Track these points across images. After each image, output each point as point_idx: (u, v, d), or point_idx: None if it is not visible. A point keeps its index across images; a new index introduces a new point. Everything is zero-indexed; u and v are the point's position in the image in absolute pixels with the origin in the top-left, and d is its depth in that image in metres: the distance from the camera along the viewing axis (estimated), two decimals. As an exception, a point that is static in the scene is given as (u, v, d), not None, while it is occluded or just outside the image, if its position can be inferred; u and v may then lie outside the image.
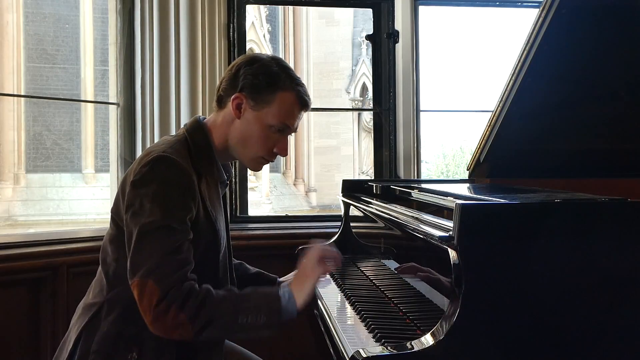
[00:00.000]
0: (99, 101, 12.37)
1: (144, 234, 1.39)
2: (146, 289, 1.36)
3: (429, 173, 19.73)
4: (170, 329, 1.37)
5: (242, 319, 1.40)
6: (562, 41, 1.87)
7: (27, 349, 2.43)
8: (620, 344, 1.18)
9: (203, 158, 1.55)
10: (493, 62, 28.49)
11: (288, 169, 14.64)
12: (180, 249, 1.40)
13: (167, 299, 1.35)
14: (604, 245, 1.17)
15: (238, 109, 1.54)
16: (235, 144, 1.57)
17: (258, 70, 1.53)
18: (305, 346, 2.72)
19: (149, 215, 1.40)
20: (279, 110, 1.53)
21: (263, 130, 1.54)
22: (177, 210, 1.43)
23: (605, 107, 2.06)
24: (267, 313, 1.41)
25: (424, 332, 1.18)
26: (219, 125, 1.58)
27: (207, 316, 1.38)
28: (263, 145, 1.56)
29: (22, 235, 3.17)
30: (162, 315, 1.35)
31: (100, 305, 1.51)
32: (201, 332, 1.38)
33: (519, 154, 2.11)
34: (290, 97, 1.54)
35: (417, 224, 1.39)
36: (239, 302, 1.42)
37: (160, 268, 1.37)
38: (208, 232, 1.53)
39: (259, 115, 1.53)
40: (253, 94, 1.52)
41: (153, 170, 1.44)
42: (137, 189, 1.43)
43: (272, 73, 1.53)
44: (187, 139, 1.55)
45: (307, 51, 14.82)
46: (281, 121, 1.54)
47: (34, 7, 11.19)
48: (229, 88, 1.56)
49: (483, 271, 1.13)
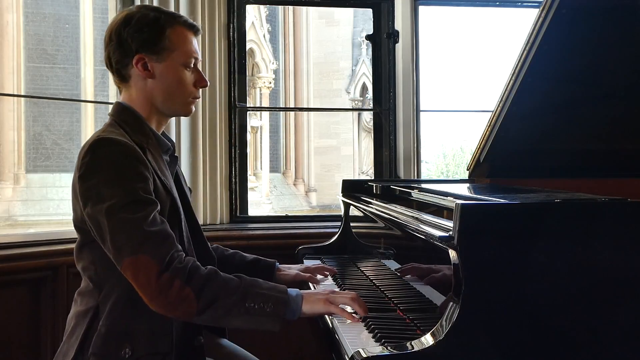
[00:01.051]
0: (99, 101, 12.36)
1: (113, 215, 1.36)
2: (140, 264, 1.33)
3: (429, 173, 19.74)
4: (173, 304, 1.34)
5: (249, 303, 1.37)
6: (562, 41, 1.87)
7: (27, 349, 2.43)
8: (620, 344, 1.17)
9: (138, 132, 1.52)
10: (493, 62, 28.50)
11: (288, 169, 14.65)
12: (155, 220, 1.38)
13: (171, 272, 1.33)
14: (604, 245, 1.17)
15: (146, 69, 1.53)
16: (162, 101, 1.56)
17: (139, 24, 1.52)
18: (305, 346, 2.72)
19: (111, 197, 1.36)
20: (180, 47, 1.54)
21: (179, 74, 1.55)
22: (136, 183, 1.40)
23: (605, 107, 2.06)
24: (275, 302, 1.38)
25: (424, 332, 1.18)
26: (136, 96, 1.56)
27: (213, 294, 1.35)
28: (186, 87, 1.57)
29: (22, 235, 3.17)
30: (166, 288, 1.32)
31: (95, 309, 1.47)
32: (205, 309, 1.35)
33: (519, 154, 2.11)
34: (181, 31, 1.55)
35: (417, 224, 1.39)
36: (248, 286, 1.40)
37: (145, 241, 1.34)
38: (167, 201, 1.49)
39: (168, 63, 1.54)
40: (150, 47, 1.52)
41: (95, 155, 1.41)
42: (87, 180, 1.40)
43: (152, 20, 1.53)
44: (115, 122, 1.53)
45: (307, 51, 14.82)
46: (187, 56, 1.55)
47: (34, 7, 11.18)
48: (122, 58, 1.54)
49: (483, 271, 1.13)
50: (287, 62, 14.60)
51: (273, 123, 14.26)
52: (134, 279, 1.34)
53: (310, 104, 14.71)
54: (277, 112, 14.85)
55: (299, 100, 14.57)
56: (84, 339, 1.46)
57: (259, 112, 13.70)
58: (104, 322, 1.44)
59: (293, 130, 14.57)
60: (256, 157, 13.44)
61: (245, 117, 3.11)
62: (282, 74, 14.48)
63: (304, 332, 2.57)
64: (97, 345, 1.44)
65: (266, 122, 13.63)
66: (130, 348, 1.42)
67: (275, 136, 14.30)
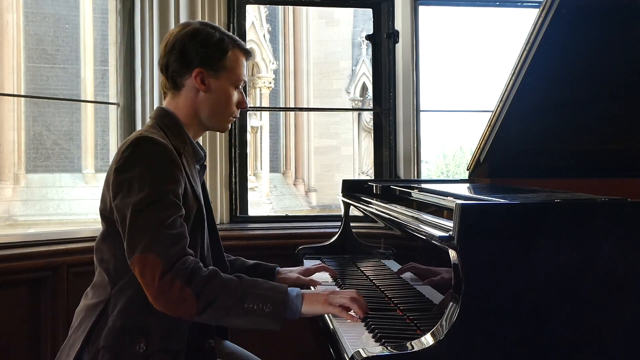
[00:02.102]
0: (99, 101, 12.36)
1: (137, 211, 1.41)
2: (148, 263, 1.37)
3: (429, 173, 19.74)
4: (174, 304, 1.37)
5: (248, 304, 1.39)
6: (562, 41, 1.87)
7: (27, 349, 2.43)
8: (620, 344, 1.17)
9: (177, 138, 1.58)
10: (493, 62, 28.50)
11: (288, 169, 14.65)
12: (175, 223, 1.42)
13: (173, 272, 1.36)
14: (604, 245, 1.17)
15: (203, 83, 1.61)
16: (207, 115, 1.65)
17: (205, 41, 1.62)
18: (305, 346, 2.72)
19: (139, 192, 1.42)
20: (234, 69, 1.65)
21: (228, 92, 1.65)
22: (167, 184, 1.45)
23: (605, 107, 2.06)
24: (274, 303, 1.41)
25: (424, 332, 1.18)
26: (182, 105, 1.63)
27: (212, 294, 1.38)
28: (231, 104, 1.67)
29: (22, 235, 3.18)
30: (167, 288, 1.36)
31: (106, 303, 1.50)
32: (205, 309, 1.38)
33: (519, 154, 2.11)
34: (238, 53, 1.67)
35: (417, 224, 1.39)
36: (248, 287, 1.42)
37: (159, 242, 1.38)
38: (194, 207, 1.55)
39: (222, 81, 1.63)
40: (211, 64, 1.61)
41: (135, 151, 1.47)
42: (123, 173, 1.46)
43: (217, 40, 1.63)
44: (157, 124, 1.59)
45: (307, 51, 14.82)
46: (239, 77, 1.66)
47: (34, 7, 11.18)
48: (180, 69, 1.61)
49: (483, 271, 1.13)
50: (287, 62, 14.60)
51: (273, 123, 14.26)
52: (140, 275, 1.39)
53: (310, 104, 14.71)
54: (277, 112, 14.85)
55: (299, 100, 14.56)
56: (90, 332, 1.49)
57: (259, 112, 13.70)
58: (118, 316, 1.47)
59: (293, 130, 14.57)
60: (256, 157, 13.45)
61: (245, 117, 3.11)
62: (282, 74, 14.48)
63: (304, 332, 2.56)
64: (110, 338, 1.46)
65: (266, 122, 13.63)
66: (144, 343, 1.46)
67: (275, 136, 14.30)
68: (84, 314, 1.54)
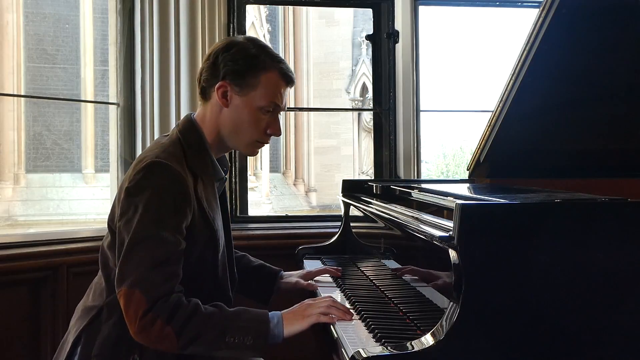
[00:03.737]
0: (99, 101, 12.37)
1: (134, 243, 1.39)
2: (133, 298, 1.35)
3: (429, 173, 19.72)
4: (155, 341, 1.37)
5: (229, 337, 1.38)
6: (562, 41, 1.87)
7: (27, 349, 2.43)
8: (620, 344, 1.18)
9: (198, 158, 1.53)
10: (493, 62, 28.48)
11: (288, 169, 14.64)
12: (169, 260, 1.39)
13: (154, 311, 1.35)
14: (604, 245, 1.17)
15: (224, 98, 1.53)
16: (228, 133, 1.56)
17: (237, 54, 1.52)
18: (305, 346, 2.72)
19: (140, 221, 1.39)
20: (266, 90, 1.52)
21: (253, 114, 1.53)
22: (171, 219, 1.42)
23: (605, 107, 2.06)
24: (255, 336, 1.40)
25: (424, 332, 1.18)
26: (209, 118, 1.56)
27: (193, 331, 1.37)
28: (256, 128, 1.55)
29: (22, 235, 3.18)
30: (148, 326, 1.35)
31: (99, 309, 1.50)
32: (186, 346, 1.37)
33: (519, 154, 2.11)
34: (274, 76, 1.54)
35: (417, 224, 1.39)
36: (228, 320, 1.41)
37: (147, 279, 1.36)
38: (205, 233, 1.52)
39: (247, 99, 1.52)
40: (236, 79, 1.51)
41: (147, 177, 1.43)
42: (131, 197, 1.43)
43: (251, 55, 1.52)
44: (180, 140, 1.54)
45: (307, 51, 14.81)
46: (269, 101, 1.53)
47: (34, 7, 11.18)
48: (210, 78, 1.54)
49: (483, 271, 1.13)
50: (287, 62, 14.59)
51: (273, 123, 14.24)
52: (124, 309, 1.37)
53: (310, 104, 14.70)
54: (277, 112, 14.83)
55: (299, 100, 14.56)
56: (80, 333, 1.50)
57: (259, 112, 13.67)
58: (114, 327, 1.47)
59: (293, 130, 14.56)
60: (256, 157, 13.44)
61: (245, 117, 3.11)
62: (282, 74, 14.46)
63: (304, 332, 2.56)
64: (104, 348, 1.47)
65: (266, 122, 13.60)
66: (138, 355, 1.45)
67: (275, 136, 14.29)
68: (80, 314, 1.55)
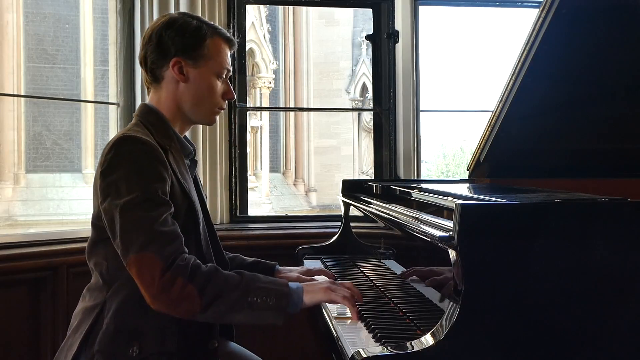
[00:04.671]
0: (99, 101, 12.36)
1: (126, 212, 1.38)
2: (145, 262, 1.34)
3: (429, 173, 19.73)
4: (176, 302, 1.34)
5: (252, 297, 1.38)
6: (562, 41, 1.87)
7: (27, 349, 2.43)
8: (620, 344, 1.17)
9: (163, 134, 1.55)
10: (493, 62, 28.49)
11: (288, 169, 14.64)
12: (166, 221, 1.39)
13: (173, 270, 1.33)
14: (604, 245, 1.17)
15: (181, 73, 1.57)
16: (189, 107, 1.60)
17: (180, 29, 1.57)
18: (305, 347, 2.72)
19: (128, 194, 1.39)
20: (217, 58, 1.59)
21: (210, 82, 1.60)
22: (154, 183, 1.42)
23: (605, 107, 2.06)
24: (277, 296, 1.40)
25: (424, 332, 1.18)
26: (164, 98, 1.59)
27: (216, 290, 1.36)
28: (214, 95, 1.61)
29: (22, 235, 3.17)
30: (168, 286, 1.33)
31: (102, 306, 1.49)
32: (208, 306, 1.36)
33: (519, 154, 2.11)
34: (219, 42, 1.60)
35: (417, 224, 1.39)
36: (249, 281, 1.41)
37: (154, 240, 1.35)
38: (184, 204, 1.51)
39: (202, 70, 1.58)
40: (189, 53, 1.57)
41: (118, 152, 1.44)
42: (108, 176, 1.42)
43: (195, 27, 1.58)
44: (141, 122, 1.56)
45: (307, 51, 14.81)
46: (222, 66, 1.60)
47: (34, 7, 11.17)
48: (159, 59, 1.57)
49: (483, 271, 1.13)
50: (287, 62, 14.59)
51: (273, 123, 14.25)
52: (138, 276, 1.36)
53: (310, 104, 14.70)
54: (277, 112, 14.84)
55: (299, 100, 14.56)
56: (87, 334, 1.47)
57: (259, 112, 13.69)
58: (112, 319, 1.46)
59: (293, 130, 14.56)
60: (256, 157, 13.44)
61: (245, 117, 3.11)
62: (282, 74, 14.47)
63: (304, 332, 2.56)
64: (104, 342, 1.45)
65: (266, 122, 13.62)
66: (138, 347, 1.44)
67: (275, 136, 14.30)
68: (82, 316, 1.52)
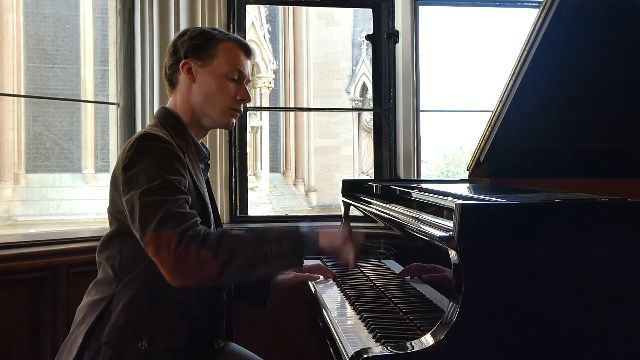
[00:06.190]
0: (99, 101, 12.36)
1: (146, 196, 1.41)
2: (162, 238, 1.37)
3: (429, 173, 19.74)
4: (193, 270, 1.36)
5: (266, 247, 1.41)
6: (562, 41, 1.87)
7: (27, 349, 2.43)
8: (620, 344, 1.17)
9: (180, 137, 1.59)
10: (493, 62, 28.49)
11: (288, 169, 14.64)
12: (184, 206, 1.43)
13: (185, 240, 1.36)
14: (604, 245, 1.17)
15: (190, 73, 1.61)
16: (201, 107, 1.63)
17: (192, 33, 1.64)
18: (306, 347, 2.72)
19: (147, 182, 1.42)
20: (226, 58, 1.63)
21: (220, 81, 1.62)
22: (173, 175, 1.45)
23: (605, 107, 2.06)
24: (291, 239, 1.43)
25: (424, 332, 1.18)
26: (180, 101, 1.64)
27: (229, 249, 1.39)
28: (225, 94, 1.63)
29: (22, 235, 3.17)
30: (183, 256, 1.35)
31: (110, 299, 1.51)
32: (226, 266, 1.38)
33: (519, 154, 2.11)
34: (231, 45, 1.65)
35: (417, 224, 1.39)
36: (259, 234, 1.45)
37: (171, 219, 1.38)
38: (198, 205, 1.54)
39: (210, 69, 1.61)
40: (197, 53, 1.61)
41: (139, 149, 1.48)
42: (129, 170, 1.46)
43: (206, 31, 1.66)
44: (159, 123, 1.60)
45: (307, 51, 14.81)
46: (232, 67, 1.63)
47: (34, 7, 11.17)
48: (173, 64, 1.64)
49: (483, 271, 1.13)
50: (287, 62, 14.59)
51: (273, 123, 14.24)
52: (155, 253, 1.38)
53: (310, 104, 14.70)
54: (277, 112, 14.84)
55: (299, 100, 14.55)
56: (93, 327, 1.49)
57: (259, 112, 13.69)
58: (122, 313, 1.48)
59: (293, 130, 14.56)
60: (256, 157, 13.43)
61: (245, 117, 3.11)
62: (282, 74, 14.46)
63: (304, 332, 2.57)
64: (113, 334, 1.47)
65: (266, 122, 13.62)
66: (147, 341, 1.46)
67: (275, 136, 14.29)
68: (87, 310, 1.54)
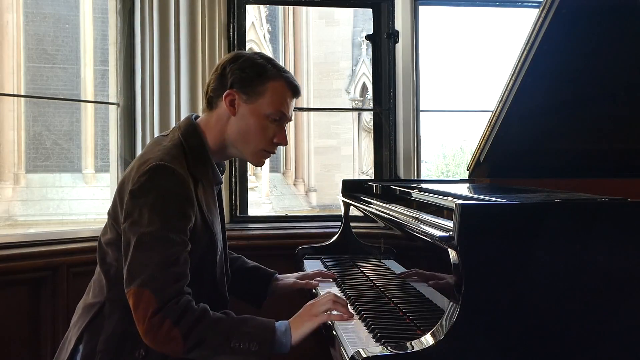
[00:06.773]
0: (99, 101, 12.37)
1: (141, 243, 1.39)
2: (143, 298, 1.36)
3: (429, 173, 19.73)
4: (161, 343, 1.37)
5: (234, 343, 1.38)
6: (562, 41, 1.87)
7: (27, 349, 2.43)
8: (620, 344, 1.17)
9: (199, 163, 1.54)
10: (493, 62, 28.49)
11: (288, 169, 14.64)
12: (178, 261, 1.40)
13: (163, 312, 1.35)
14: (604, 245, 1.17)
15: (232, 106, 1.54)
16: (234, 140, 1.57)
17: (244, 64, 1.55)
18: (305, 346, 2.72)
19: (148, 225, 1.40)
20: (272, 98, 1.55)
21: (260, 122, 1.55)
22: (176, 221, 1.43)
23: (605, 107, 2.06)
24: (260, 342, 1.40)
25: (424, 332, 1.18)
26: (213, 125, 1.58)
27: (200, 335, 1.37)
28: (262, 136, 1.57)
29: (22, 235, 3.17)
30: (156, 327, 1.35)
31: (101, 305, 1.51)
32: (192, 350, 1.38)
33: (519, 154, 2.11)
34: (281, 85, 1.56)
35: (417, 224, 1.39)
36: (234, 326, 1.41)
37: (157, 279, 1.37)
38: (205, 238, 1.53)
39: (254, 107, 1.54)
40: (244, 87, 1.54)
41: (151, 179, 1.44)
42: (136, 198, 1.43)
43: (258, 65, 1.56)
44: (181, 143, 1.55)
45: (307, 51, 14.82)
46: (276, 109, 1.55)
47: (34, 7, 11.18)
48: (218, 88, 1.56)
49: (483, 271, 1.13)
50: (287, 62, 14.59)
51: (273, 123, 14.24)
52: (134, 309, 1.38)
53: (310, 104, 14.71)
54: (277, 112, 14.83)
55: (299, 100, 14.49)
56: (83, 331, 1.50)
57: (259, 112, 13.68)
58: (119, 322, 1.48)
59: (293, 130, 14.57)
60: (256, 157, 13.42)
61: (245, 117, 3.11)
62: (282, 74, 14.46)
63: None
64: (110, 343, 1.48)
65: (266, 122, 13.61)
66: (144, 350, 1.46)
67: (275, 136, 14.29)
68: (81, 312, 1.56)
